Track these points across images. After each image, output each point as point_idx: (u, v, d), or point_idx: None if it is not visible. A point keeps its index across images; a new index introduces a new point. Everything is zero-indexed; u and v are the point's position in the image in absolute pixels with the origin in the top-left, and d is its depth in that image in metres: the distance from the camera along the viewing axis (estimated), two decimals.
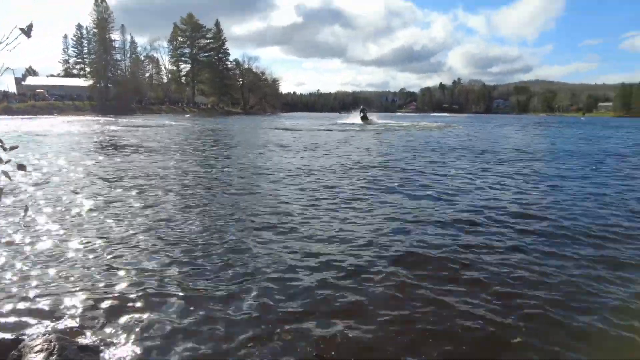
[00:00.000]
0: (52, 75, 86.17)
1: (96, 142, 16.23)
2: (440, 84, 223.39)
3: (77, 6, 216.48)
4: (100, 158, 11.20)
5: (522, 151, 14.73)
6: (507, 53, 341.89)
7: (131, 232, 4.61)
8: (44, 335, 2.45)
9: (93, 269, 3.55)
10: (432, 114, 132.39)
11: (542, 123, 52.81)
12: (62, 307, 2.89)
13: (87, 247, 4.08)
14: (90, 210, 5.54)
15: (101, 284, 3.26)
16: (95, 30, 69.03)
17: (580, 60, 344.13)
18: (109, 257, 3.83)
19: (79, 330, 2.61)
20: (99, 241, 4.24)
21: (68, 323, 2.69)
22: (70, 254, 3.88)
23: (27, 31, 1.75)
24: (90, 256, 3.84)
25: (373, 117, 38.36)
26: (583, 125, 43.90)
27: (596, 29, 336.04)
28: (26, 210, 4.48)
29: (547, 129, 34.83)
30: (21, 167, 2.28)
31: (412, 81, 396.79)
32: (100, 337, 2.54)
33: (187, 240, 4.35)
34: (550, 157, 12.93)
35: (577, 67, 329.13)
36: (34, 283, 3.25)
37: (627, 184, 8.16)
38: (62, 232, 4.57)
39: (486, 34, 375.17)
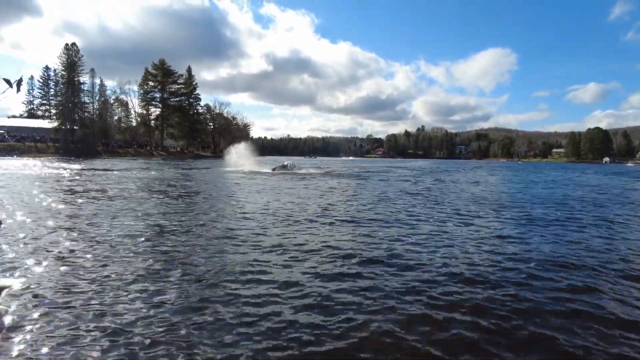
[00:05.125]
0: (13, 116, 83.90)
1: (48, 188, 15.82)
2: (405, 130, 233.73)
3: (42, 49, 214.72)
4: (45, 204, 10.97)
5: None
6: (467, 102, 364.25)
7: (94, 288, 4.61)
8: None
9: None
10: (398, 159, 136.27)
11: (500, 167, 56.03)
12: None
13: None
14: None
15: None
16: (63, 73, 68.59)
17: (534, 109, 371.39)
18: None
19: None
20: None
21: None
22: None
23: (17, 86, 1.80)
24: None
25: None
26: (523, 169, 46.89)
27: (545, 82, 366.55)
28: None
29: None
30: None
31: (378, 128, 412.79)
32: None
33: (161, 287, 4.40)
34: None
35: (531, 116, 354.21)
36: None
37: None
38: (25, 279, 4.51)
39: (447, 84, 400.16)
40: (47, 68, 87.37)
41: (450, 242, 7.04)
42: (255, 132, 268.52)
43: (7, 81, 1.77)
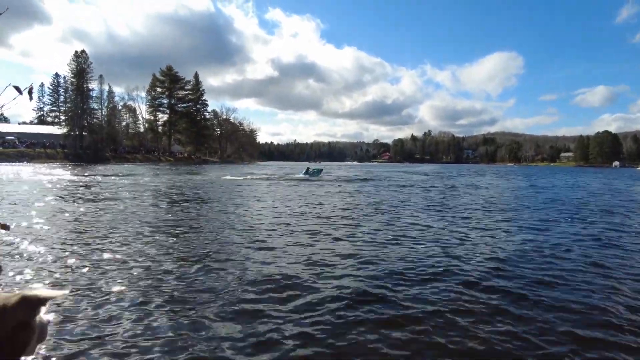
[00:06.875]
0: (24, 123, 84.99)
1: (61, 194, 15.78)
2: (412, 135, 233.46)
3: (50, 56, 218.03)
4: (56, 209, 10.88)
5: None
6: (474, 106, 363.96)
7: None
8: None
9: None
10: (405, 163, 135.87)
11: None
12: None
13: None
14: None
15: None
16: (73, 80, 69.35)
17: (541, 113, 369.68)
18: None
19: None
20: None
21: None
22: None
23: (28, 93, 1.74)
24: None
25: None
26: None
27: (552, 85, 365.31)
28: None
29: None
30: (4, 226, 2.28)
31: (384, 132, 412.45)
32: None
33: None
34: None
35: (538, 120, 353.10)
36: None
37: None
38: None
39: (453, 88, 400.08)
40: (57, 75, 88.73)
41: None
42: (261, 138, 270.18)
43: (17, 88, 1.70)
